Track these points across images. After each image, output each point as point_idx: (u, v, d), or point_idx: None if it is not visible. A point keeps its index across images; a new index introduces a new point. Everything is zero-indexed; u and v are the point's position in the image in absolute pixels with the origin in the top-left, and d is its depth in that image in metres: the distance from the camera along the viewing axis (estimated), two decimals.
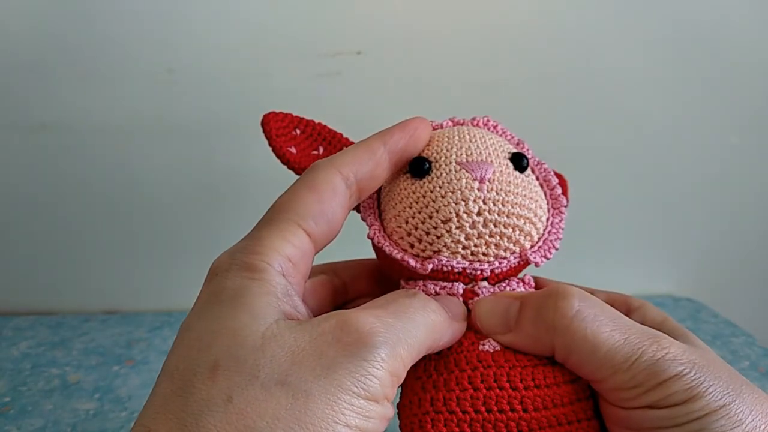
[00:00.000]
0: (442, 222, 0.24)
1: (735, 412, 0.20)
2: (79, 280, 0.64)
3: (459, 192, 0.24)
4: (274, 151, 0.28)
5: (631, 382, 0.20)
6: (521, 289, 0.25)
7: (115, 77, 0.56)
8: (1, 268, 0.62)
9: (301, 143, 0.28)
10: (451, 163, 0.24)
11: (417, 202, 0.24)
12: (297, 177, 0.25)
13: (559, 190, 0.27)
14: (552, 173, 0.28)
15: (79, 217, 0.61)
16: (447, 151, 0.25)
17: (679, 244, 0.67)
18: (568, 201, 0.31)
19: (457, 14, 0.57)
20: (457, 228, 0.23)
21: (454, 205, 0.23)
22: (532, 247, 0.25)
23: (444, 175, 0.24)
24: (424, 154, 0.25)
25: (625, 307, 0.27)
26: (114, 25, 0.55)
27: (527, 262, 0.25)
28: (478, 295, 0.24)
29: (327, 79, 0.57)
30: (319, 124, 0.29)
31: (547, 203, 0.27)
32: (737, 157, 0.64)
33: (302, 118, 0.29)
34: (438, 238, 0.24)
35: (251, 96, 0.57)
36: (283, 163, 0.28)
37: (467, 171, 0.24)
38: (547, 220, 0.26)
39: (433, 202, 0.24)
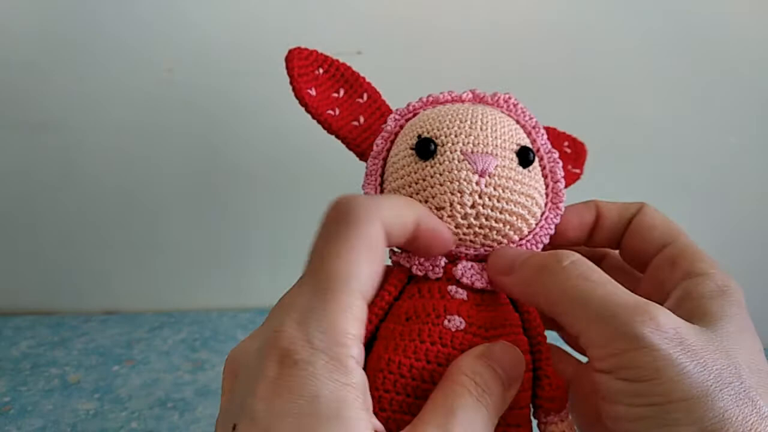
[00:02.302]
0: (436, 209, 0.24)
1: (698, 408, 0.18)
2: (79, 280, 0.64)
3: (456, 183, 0.24)
4: (294, 91, 0.27)
5: (601, 339, 0.20)
6: None
7: (115, 77, 0.56)
8: (1, 268, 0.62)
9: (323, 84, 0.28)
10: (456, 151, 0.24)
11: (416, 183, 0.25)
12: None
13: (561, 185, 0.27)
14: (560, 166, 0.27)
15: (79, 217, 0.61)
16: (455, 135, 0.25)
17: None
18: (582, 172, 0.32)
19: (458, 14, 0.57)
20: (449, 217, 0.24)
21: (449, 194, 0.24)
22: (520, 239, 0.26)
23: (446, 162, 0.24)
24: (432, 134, 0.25)
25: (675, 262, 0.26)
26: (114, 25, 0.55)
27: None
28: (458, 265, 0.25)
29: None
30: (343, 64, 0.29)
31: (547, 197, 0.27)
32: (736, 157, 0.64)
33: (327, 57, 0.29)
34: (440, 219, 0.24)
35: (251, 96, 0.57)
36: (301, 105, 0.27)
37: (469, 162, 0.24)
38: (542, 215, 0.26)
39: (431, 187, 0.24)
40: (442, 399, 0.21)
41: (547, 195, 0.27)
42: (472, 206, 0.24)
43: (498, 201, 0.24)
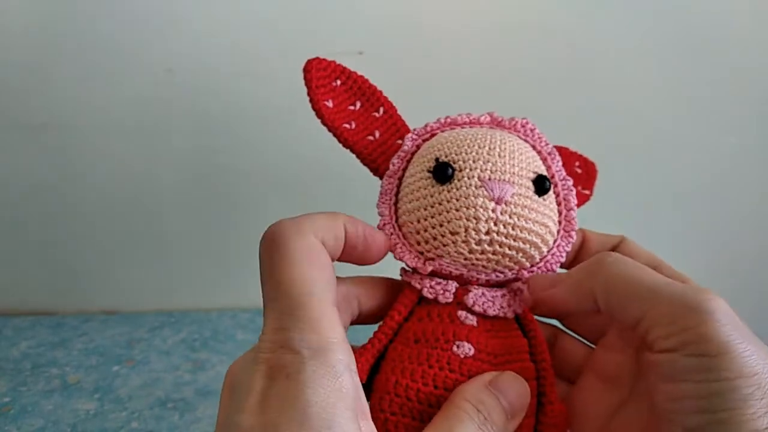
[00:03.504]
0: (450, 233, 0.24)
1: (766, 383, 0.19)
2: (79, 280, 0.64)
3: (473, 209, 0.24)
4: (311, 102, 0.27)
5: (670, 316, 0.20)
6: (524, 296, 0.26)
7: (115, 77, 0.56)
8: (1, 268, 0.62)
9: (340, 95, 0.28)
10: (473, 177, 0.24)
11: (432, 207, 0.25)
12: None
13: (574, 213, 0.27)
14: (573, 193, 0.28)
15: (79, 217, 0.61)
16: (473, 161, 0.25)
17: (678, 245, 0.67)
18: (591, 193, 0.32)
19: (458, 14, 0.57)
20: (463, 242, 0.24)
21: (465, 221, 0.24)
22: (531, 266, 0.26)
23: (464, 188, 0.24)
24: (450, 158, 0.25)
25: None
26: (114, 25, 0.55)
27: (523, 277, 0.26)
28: (469, 293, 0.25)
29: None
30: (361, 77, 0.29)
31: (560, 224, 0.27)
32: (737, 157, 0.64)
33: (345, 68, 0.29)
34: (444, 246, 0.25)
35: (251, 96, 0.57)
36: (318, 116, 0.27)
37: (486, 189, 0.24)
38: (554, 242, 0.27)
39: (447, 212, 0.24)
40: (445, 424, 0.21)
41: (559, 222, 0.27)
42: (487, 233, 0.24)
43: (513, 229, 0.24)
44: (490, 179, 0.24)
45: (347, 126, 0.28)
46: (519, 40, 0.58)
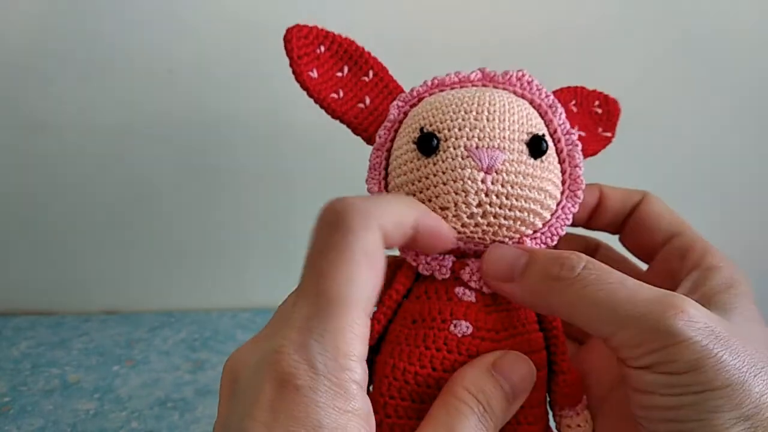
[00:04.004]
0: (440, 209, 0.23)
1: (738, 395, 0.18)
2: (79, 280, 0.64)
3: (461, 182, 0.22)
4: (294, 74, 0.26)
5: (634, 340, 0.20)
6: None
7: (115, 77, 0.56)
8: (1, 268, 0.62)
9: (325, 63, 0.26)
10: (459, 147, 0.23)
11: (419, 181, 0.23)
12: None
13: (580, 170, 0.25)
14: (579, 148, 0.25)
15: (78, 217, 0.61)
16: (459, 129, 0.23)
17: None
18: (613, 135, 0.29)
19: (458, 14, 0.57)
20: (454, 216, 0.23)
21: (453, 194, 0.22)
22: (534, 233, 0.24)
23: (449, 160, 0.23)
24: (435, 127, 0.23)
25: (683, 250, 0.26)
26: (114, 25, 0.55)
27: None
28: (467, 267, 0.24)
29: None
30: (346, 39, 0.27)
31: (564, 184, 0.25)
32: (736, 157, 0.64)
33: (328, 33, 0.27)
34: (445, 218, 0.23)
35: (251, 96, 0.57)
36: (302, 89, 0.26)
37: (474, 159, 0.22)
38: (558, 204, 0.24)
39: (434, 186, 0.23)
40: (444, 416, 0.20)
41: (564, 182, 0.25)
42: (479, 205, 0.23)
43: (507, 198, 0.23)
44: (477, 147, 0.22)
45: (335, 96, 0.26)
46: (520, 40, 0.58)
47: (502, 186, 0.22)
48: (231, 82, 0.57)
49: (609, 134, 0.29)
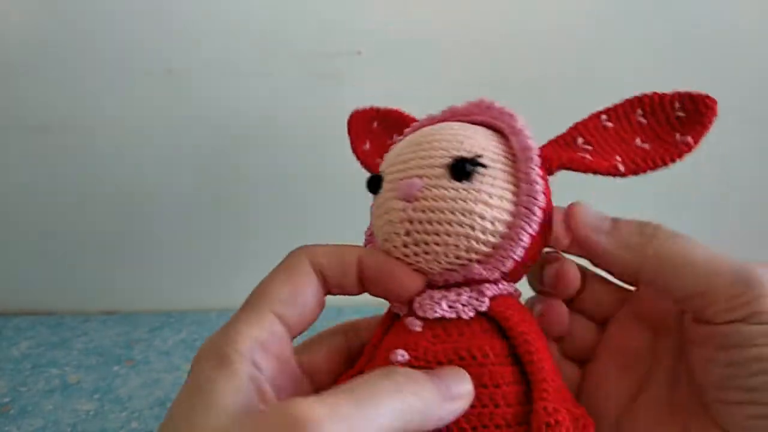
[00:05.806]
0: (384, 241, 0.24)
1: None
2: (79, 280, 0.64)
3: (387, 214, 0.24)
4: (351, 148, 0.30)
5: (731, 290, 0.21)
6: (489, 292, 0.23)
7: (115, 77, 0.56)
8: (1, 268, 0.62)
9: (379, 135, 0.30)
10: (390, 182, 0.24)
11: (373, 218, 0.25)
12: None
13: (538, 186, 0.23)
14: (535, 162, 0.23)
15: (79, 217, 0.61)
16: (394, 166, 0.24)
17: None
18: (697, 141, 0.27)
19: (458, 14, 0.57)
20: (393, 247, 0.24)
21: (388, 226, 0.24)
22: (486, 257, 0.23)
23: (382, 195, 0.24)
24: (383, 168, 0.25)
25: None
26: (114, 25, 0.55)
27: (482, 274, 0.23)
28: (417, 297, 0.24)
29: (326, 79, 0.57)
30: (397, 111, 0.30)
31: (516, 206, 0.23)
32: (736, 157, 0.64)
33: (380, 109, 0.30)
34: (390, 253, 0.24)
35: (251, 96, 0.57)
36: (357, 160, 0.30)
37: (395, 190, 0.23)
38: (510, 226, 0.23)
39: (377, 220, 0.25)
40: (363, 376, 0.20)
41: (517, 203, 0.23)
42: (407, 234, 0.23)
43: (430, 224, 0.22)
44: (401, 179, 0.23)
45: (380, 160, 0.27)
46: (519, 40, 0.58)
47: (423, 212, 0.23)
48: (231, 82, 0.57)
49: (690, 140, 0.27)
